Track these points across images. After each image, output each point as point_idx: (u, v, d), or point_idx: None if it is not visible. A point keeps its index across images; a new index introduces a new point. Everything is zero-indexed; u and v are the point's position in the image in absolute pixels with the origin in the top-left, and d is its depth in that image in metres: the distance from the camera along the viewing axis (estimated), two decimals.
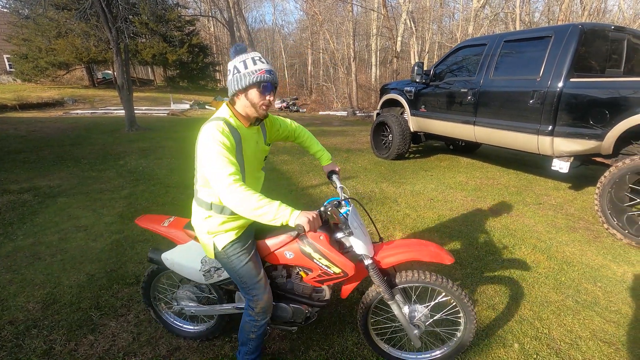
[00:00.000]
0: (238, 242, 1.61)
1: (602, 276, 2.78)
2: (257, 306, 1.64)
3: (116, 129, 9.74)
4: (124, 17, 8.20)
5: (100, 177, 5.36)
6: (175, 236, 1.91)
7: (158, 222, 1.98)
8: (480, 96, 4.78)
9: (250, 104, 1.50)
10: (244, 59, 1.47)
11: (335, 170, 2.00)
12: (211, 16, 31.24)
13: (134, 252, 3.06)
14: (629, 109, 3.30)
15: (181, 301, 2.00)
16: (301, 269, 1.76)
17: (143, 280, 2.01)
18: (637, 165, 3.19)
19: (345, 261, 1.66)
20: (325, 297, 1.82)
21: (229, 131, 1.46)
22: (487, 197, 4.53)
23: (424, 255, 1.68)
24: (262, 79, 1.45)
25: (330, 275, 1.69)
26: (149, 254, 1.94)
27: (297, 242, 1.69)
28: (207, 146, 1.40)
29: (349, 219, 1.62)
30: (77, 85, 23.07)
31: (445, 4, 24.71)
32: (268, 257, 1.76)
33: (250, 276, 1.61)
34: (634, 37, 4.25)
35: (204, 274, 1.79)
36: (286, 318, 1.80)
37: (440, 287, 1.73)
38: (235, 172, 1.39)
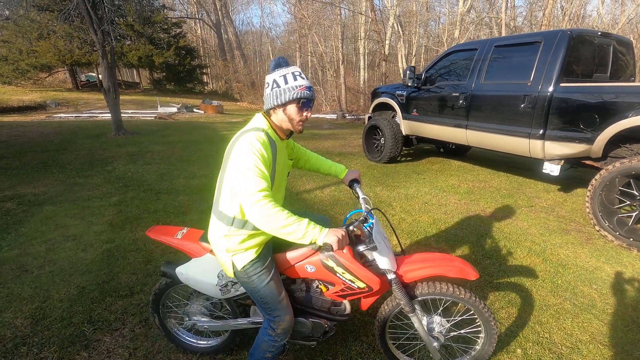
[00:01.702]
0: (258, 260, 1.54)
1: (597, 278, 2.82)
2: (278, 327, 1.57)
3: (102, 133, 9.51)
4: (110, 19, 8.02)
5: (87, 183, 5.21)
6: (190, 249, 1.83)
7: (171, 234, 1.89)
8: (472, 100, 4.83)
9: (288, 119, 1.50)
10: (284, 73, 1.46)
11: (357, 179, 1.94)
12: (198, 18, 30.98)
13: (126, 262, 2.96)
14: (618, 113, 3.38)
15: (193, 316, 1.92)
16: (321, 282, 1.70)
17: (156, 288, 1.92)
18: (626, 168, 3.26)
19: (370, 276, 1.61)
20: (345, 311, 1.77)
21: (268, 142, 1.45)
22: (480, 200, 4.57)
23: (448, 271, 1.63)
24: (302, 95, 1.44)
25: (354, 289, 1.63)
26: (162, 268, 1.85)
27: (319, 255, 1.63)
28: (245, 156, 1.37)
29: (373, 233, 1.57)
30: (60, 88, 22.51)
31: (431, 8, 25.09)
32: (287, 271, 1.69)
33: (273, 296, 1.55)
34: (618, 42, 4.38)
35: (221, 288, 1.72)
36: (305, 333, 1.74)
37: (467, 303, 1.67)
38: (267, 188, 1.36)
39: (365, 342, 2.11)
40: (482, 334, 1.75)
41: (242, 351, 2.04)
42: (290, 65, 1.50)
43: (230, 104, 23.18)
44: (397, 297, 1.65)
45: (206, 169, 6.10)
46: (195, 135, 9.87)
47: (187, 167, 6.19)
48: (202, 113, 16.78)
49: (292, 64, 1.51)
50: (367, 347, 2.07)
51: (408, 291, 1.69)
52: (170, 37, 23.95)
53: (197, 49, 28.56)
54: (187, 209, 4.17)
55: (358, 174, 1.97)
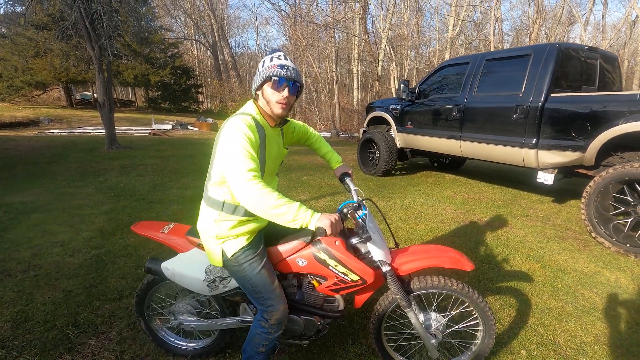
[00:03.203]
0: (249, 248, 1.49)
1: (597, 282, 2.79)
2: (272, 317, 1.50)
3: (95, 147, 9.42)
4: (107, 35, 8.12)
5: (78, 193, 5.10)
6: (176, 244, 1.76)
7: (157, 229, 1.83)
8: (465, 112, 4.91)
9: (266, 102, 1.46)
10: (264, 59, 1.46)
11: (347, 173, 1.91)
12: (195, 40, 31.60)
13: (115, 266, 2.86)
14: (608, 121, 3.45)
15: (179, 315, 1.83)
16: (314, 277, 1.63)
17: (139, 289, 1.83)
18: (619, 174, 3.30)
19: (364, 268, 1.55)
20: (339, 308, 1.70)
21: (255, 126, 1.41)
22: (475, 210, 4.57)
23: (444, 262, 1.60)
24: (273, 73, 1.40)
25: (348, 283, 1.57)
26: (146, 264, 1.77)
27: (311, 248, 1.57)
28: (231, 138, 1.34)
29: (366, 223, 1.53)
30: (54, 106, 22.47)
31: (422, 32, 26.00)
32: (278, 265, 1.63)
33: (265, 284, 1.48)
34: (604, 57, 4.53)
35: (208, 284, 1.64)
36: (297, 331, 1.66)
37: (461, 295, 1.63)
38: (256, 168, 1.32)
39: (364, 344, 2.02)
40: (480, 327, 1.70)
41: (233, 352, 1.94)
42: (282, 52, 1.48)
43: None
44: (393, 290, 1.60)
45: (200, 180, 6.02)
46: (189, 150, 9.83)
47: (180, 179, 6.13)
48: (196, 130, 16.81)
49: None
50: (366, 349, 1.99)
51: (404, 286, 1.64)
52: (167, 57, 24.30)
53: (193, 69, 28.96)
54: (180, 216, 4.09)
55: (351, 170, 1.95)
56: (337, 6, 19.32)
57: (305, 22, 19.98)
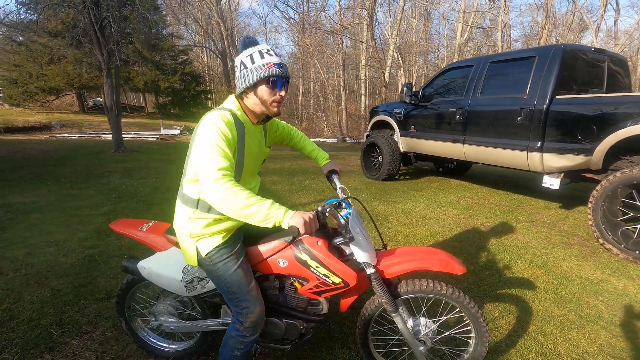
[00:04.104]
0: (225, 247, 1.42)
1: (603, 290, 2.66)
2: (247, 320, 1.43)
3: (102, 151, 9.54)
4: (115, 40, 8.26)
5: (79, 194, 5.14)
6: (154, 242, 1.71)
7: (135, 227, 1.78)
8: (468, 115, 4.82)
9: (261, 102, 1.39)
10: (250, 52, 1.36)
11: (335, 170, 1.84)
12: (205, 47, 32.08)
13: (107, 267, 2.83)
14: (615, 123, 3.33)
15: (160, 316, 1.77)
16: (296, 279, 1.57)
17: (119, 289, 1.79)
18: (627, 178, 3.17)
19: (346, 270, 1.48)
20: (322, 311, 1.62)
21: (233, 123, 1.34)
22: (479, 215, 4.45)
23: (432, 265, 1.52)
24: (271, 73, 1.33)
25: (329, 285, 1.50)
26: (123, 263, 1.72)
27: (292, 248, 1.51)
28: (205, 134, 1.27)
29: (349, 223, 1.46)
30: (66, 111, 22.95)
31: (430, 39, 25.97)
32: (259, 266, 1.57)
33: (240, 285, 1.42)
34: (613, 59, 4.41)
35: (186, 285, 1.58)
36: (278, 335, 1.60)
37: (451, 299, 1.55)
38: (228, 167, 1.25)
39: (354, 349, 1.94)
40: (472, 334, 1.61)
41: (215, 356, 1.86)
42: (258, 43, 1.39)
43: None
44: (378, 294, 1.53)
45: None
46: None
47: None
48: None
49: (261, 43, 1.40)
50: (355, 354, 1.90)
51: (390, 290, 1.56)
52: (176, 63, 24.69)
53: (203, 75, 29.37)
54: None
55: (339, 168, 1.87)
56: (345, 13, 19.42)
57: (313, 29, 20.12)
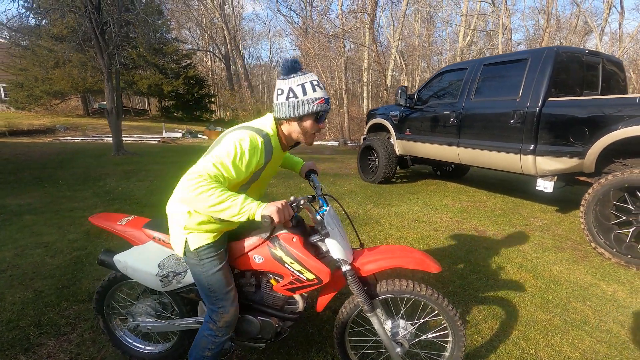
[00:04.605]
0: (213, 245, 1.45)
1: (592, 295, 2.61)
2: (221, 319, 1.45)
3: (103, 154, 9.62)
4: (116, 44, 8.35)
5: (75, 196, 5.17)
6: (132, 236, 1.72)
7: (114, 221, 1.79)
8: (462, 118, 4.79)
9: (302, 132, 1.43)
10: (302, 82, 1.36)
11: (314, 170, 1.86)
12: (209, 51, 32.33)
13: (92, 268, 2.83)
14: (607, 126, 3.29)
15: (138, 316, 1.77)
16: (272, 275, 1.58)
17: (99, 286, 1.79)
18: (618, 181, 3.12)
19: (319, 266, 1.48)
20: (298, 309, 1.62)
21: (262, 150, 1.35)
22: (472, 219, 4.40)
23: (408, 262, 1.52)
24: (321, 108, 1.37)
25: (303, 282, 1.50)
26: (99, 256, 1.74)
27: (268, 244, 1.52)
28: (225, 145, 1.29)
29: (325, 219, 1.48)
30: (71, 114, 23.23)
31: (433, 42, 25.96)
32: (236, 262, 1.58)
33: (221, 285, 1.44)
34: (608, 61, 4.37)
35: (161, 279, 1.58)
36: (253, 333, 1.59)
37: (429, 301, 1.54)
38: (215, 178, 1.24)
39: (330, 354, 1.92)
40: (449, 337, 1.58)
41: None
42: (304, 70, 1.40)
43: None
44: (354, 292, 1.52)
45: None
46: (194, 157, 9.74)
47: None
48: (205, 138, 17.03)
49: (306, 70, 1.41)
50: (332, 358, 1.88)
51: (368, 289, 1.55)
52: (180, 67, 24.90)
53: (206, 79, 29.57)
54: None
55: (314, 164, 1.88)
56: (347, 17, 19.50)
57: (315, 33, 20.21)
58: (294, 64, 1.38)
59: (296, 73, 1.37)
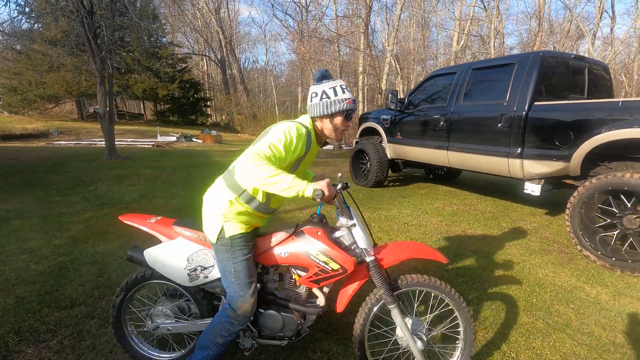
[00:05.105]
0: (245, 236, 1.57)
1: (575, 298, 2.63)
2: (240, 308, 1.54)
3: (95, 158, 9.57)
4: (108, 48, 8.34)
5: (64, 201, 5.14)
6: (162, 232, 1.76)
7: (144, 219, 1.83)
8: (452, 122, 4.83)
9: (333, 128, 1.60)
10: (333, 85, 1.56)
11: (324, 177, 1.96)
12: (204, 55, 32.35)
13: (77, 274, 2.82)
14: (591, 130, 3.32)
15: (156, 318, 1.79)
16: (295, 270, 1.66)
17: (123, 285, 1.77)
18: (603, 184, 3.15)
19: (344, 256, 1.58)
20: (320, 304, 1.69)
21: (305, 138, 1.54)
22: (462, 222, 4.42)
23: (421, 254, 1.68)
24: (350, 107, 1.57)
25: (328, 272, 1.59)
26: (128, 252, 1.78)
27: (293, 239, 1.63)
28: (276, 131, 1.47)
29: (351, 211, 1.62)
30: (65, 118, 23.12)
31: (428, 46, 26.16)
32: (261, 257, 1.67)
33: (246, 274, 1.55)
34: (594, 66, 4.42)
35: (189, 273, 1.65)
36: (276, 329, 1.66)
37: (444, 293, 1.66)
38: (269, 158, 1.40)
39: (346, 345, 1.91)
40: (460, 329, 1.70)
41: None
42: (333, 77, 1.59)
43: (230, 135, 23.59)
44: (377, 283, 1.60)
45: (189, 190, 6.03)
46: (187, 161, 9.91)
47: (170, 189, 6.13)
48: (200, 142, 17.02)
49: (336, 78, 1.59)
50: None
51: (390, 283, 1.65)
52: (175, 71, 24.89)
53: (202, 83, 29.56)
54: None
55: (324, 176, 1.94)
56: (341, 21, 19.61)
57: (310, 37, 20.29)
58: (325, 73, 1.59)
59: (327, 79, 1.58)
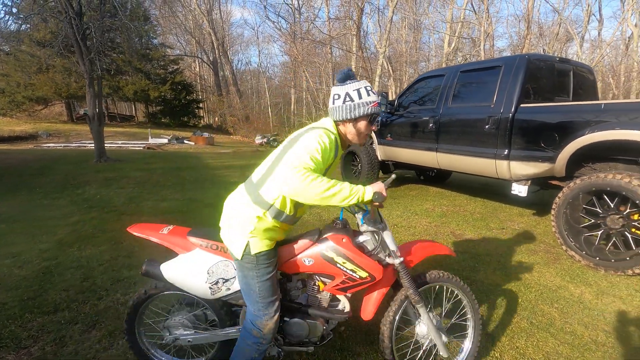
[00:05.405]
0: (270, 252, 1.50)
1: (560, 297, 2.66)
2: (265, 326, 1.49)
3: (84, 160, 9.46)
4: (97, 49, 8.27)
5: (52, 205, 5.07)
6: (176, 244, 1.66)
7: (155, 230, 1.72)
8: (440, 124, 4.87)
9: (356, 133, 1.53)
10: (357, 87, 1.47)
11: None
12: (196, 57, 32.20)
13: (61, 279, 2.78)
14: (575, 132, 3.37)
15: (174, 330, 1.72)
16: (319, 277, 1.62)
17: (134, 299, 1.72)
18: (586, 185, 3.20)
19: (372, 263, 1.56)
20: (345, 310, 1.66)
21: (334, 145, 1.47)
22: (451, 223, 4.46)
23: (440, 250, 1.79)
24: (375, 111, 1.49)
25: (356, 280, 1.56)
26: (144, 267, 1.66)
27: (317, 246, 1.58)
28: (309, 139, 1.39)
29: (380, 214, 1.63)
30: (55, 121, 22.82)
31: (420, 48, 26.34)
32: (285, 266, 1.62)
33: (270, 291, 1.49)
34: (579, 68, 4.50)
35: (211, 286, 1.58)
36: (302, 336, 1.64)
37: (458, 287, 1.78)
38: (315, 169, 1.33)
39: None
40: (469, 323, 1.83)
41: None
42: (357, 77, 1.51)
43: (223, 137, 23.48)
44: (405, 284, 1.62)
45: (180, 193, 6.00)
46: (178, 163, 9.85)
47: (160, 191, 6.08)
48: (192, 144, 16.91)
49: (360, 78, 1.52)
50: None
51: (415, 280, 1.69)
52: (167, 73, 24.72)
53: (194, 85, 29.40)
54: None
55: None
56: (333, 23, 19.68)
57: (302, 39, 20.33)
58: (349, 73, 1.50)
59: (351, 80, 1.49)
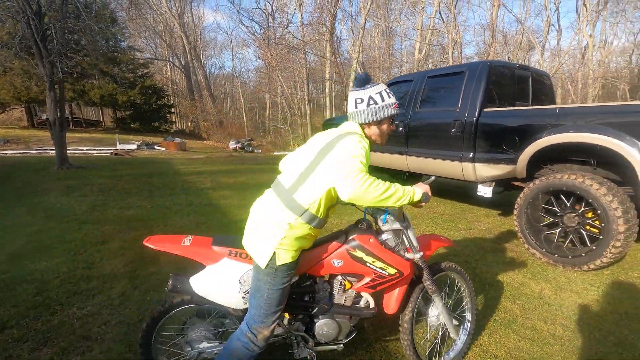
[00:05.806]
0: (292, 264, 1.48)
1: (522, 294, 2.76)
2: (260, 333, 1.48)
3: (45, 168, 8.96)
4: (58, 51, 7.89)
5: (7, 214, 4.75)
6: (201, 255, 1.59)
7: (176, 242, 1.63)
8: (409, 128, 4.98)
9: (380, 133, 1.60)
10: (379, 90, 1.53)
11: None
12: (167, 60, 31.45)
13: (11, 294, 2.60)
14: (533, 135, 3.54)
15: (197, 344, 1.65)
16: (345, 277, 1.66)
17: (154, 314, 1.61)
18: (544, 185, 3.36)
19: (400, 260, 1.64)
20: (371, 306, 1.73)
21: (369, 149, 1.51)
22: (420, 225, 4.55)
23: (446, 242, 1.98)
24: (396, 112, 1.57)
25: (385, 277, 1.63)
26: (170, 282, 1.58)
27: (346, 248, 1.61)
28: (354, 147, 1.40)
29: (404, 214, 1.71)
30: (13, 126, 21.60)
31: (393, 55, 26.97)
32: (314, 269, 1.64)
33: (278, 301, 1.49)
34: (537, 74, 4.74)
35: (243, 295, 1.55)
36: (333, 335, 1.67)
37: (461, 275, 1.98)
38: (367, 171, 1.39)
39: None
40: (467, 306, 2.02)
41: None
42: (376, 82, 1.57)
43: (196, 143, 23.01)
44: (425, 277, 1.74)
45: (148, 200, 5.79)
46: (147, 169, 9.52)
47: (126, 198, 5.85)
48: (163, 150, 16.45)
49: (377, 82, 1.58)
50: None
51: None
52: (136, 76, 23.97)
53: (165, 89, 28.66)
54: (108, 237, 3.83)
55: None
56: (307, 29, 19.80)
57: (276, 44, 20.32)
58: (367, 77, 1.56)
59: (371, 84, 1.54)
